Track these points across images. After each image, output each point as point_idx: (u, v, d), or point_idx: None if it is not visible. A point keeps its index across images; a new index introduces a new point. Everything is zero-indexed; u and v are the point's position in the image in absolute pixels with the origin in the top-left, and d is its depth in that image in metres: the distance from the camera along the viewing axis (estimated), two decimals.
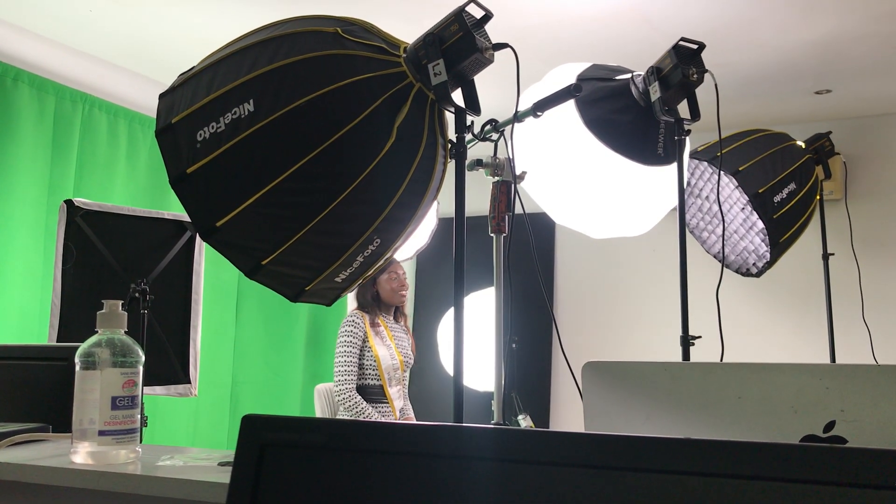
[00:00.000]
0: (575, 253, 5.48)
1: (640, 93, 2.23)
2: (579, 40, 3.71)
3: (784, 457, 0.52)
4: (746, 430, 0.95)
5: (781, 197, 2.82)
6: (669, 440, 0.55)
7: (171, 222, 2.68)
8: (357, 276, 1.62)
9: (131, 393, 1.26)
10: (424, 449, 0.61)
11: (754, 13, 3.37)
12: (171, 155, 1.51)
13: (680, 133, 2.20)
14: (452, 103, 1.54)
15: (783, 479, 0.52)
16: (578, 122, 2.21)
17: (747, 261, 2.98)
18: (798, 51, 3.76)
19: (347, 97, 1.46)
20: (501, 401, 1.98)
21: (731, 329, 2.34)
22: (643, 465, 0.55)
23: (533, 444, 0.59)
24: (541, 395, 5.34)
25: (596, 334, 5.28)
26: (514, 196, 1.99)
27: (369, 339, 3.74)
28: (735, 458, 0.53)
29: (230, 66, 1.50)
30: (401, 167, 1.51)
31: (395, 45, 1.55)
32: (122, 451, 1.25)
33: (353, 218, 1.50)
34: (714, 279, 2.28)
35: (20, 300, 3.47)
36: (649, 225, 2.46)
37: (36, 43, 3.75)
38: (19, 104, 3.56)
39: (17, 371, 1.66)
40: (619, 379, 1.04)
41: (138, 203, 3.94)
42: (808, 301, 4.55)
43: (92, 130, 3.91)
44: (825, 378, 0.93)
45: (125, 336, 1.29)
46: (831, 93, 4.38)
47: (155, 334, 2.54)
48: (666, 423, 0.99)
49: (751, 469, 0.53)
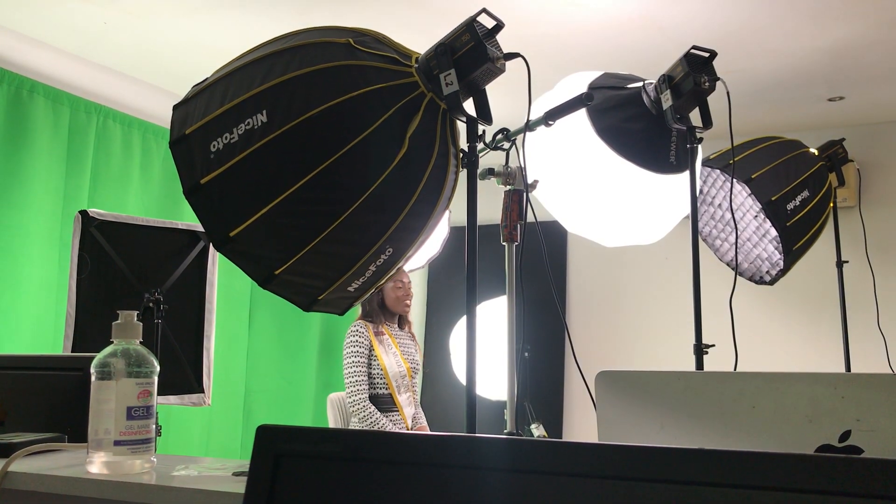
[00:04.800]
0: (587, 261, 5.47)
1: (652, 101, 2.22)
2: (590, 49, 3.71)
3: (799, 467, 0.52)
4: (761, 439, 0.94)
5: (795, 204, 2.81)
6: (683, 450, 0.55)
7: (184, 232, 2.69)
8: (370, 285, 1.62)
9: (146, 403, 1.27)
10: (439, 459, 0.62)
11: (766, 20, 3.36)
12: (185, 165, 1.52)
13: (692, 141, 2.19)
14: (464, 113, 1.54)
15: (798, 489, 0.52)
16: (590, 131, 2.21)
17: (760, 269, 2.97)
18: (810, 57, 3.75)
19: (360, 107, 1.46)
20: (514, 410, 1.98)
21: (745, 337, 2.33)
22: (657, 475, 0.55)
23: (547, 455, 0.59)
24: (554, 404, 5.32)
25: (608, 343, 5.26)
26: (526, 205, 1.99)
27: (375, 349, 3.75)
28: (750, 469, 0.53)
29: (243, 77, 1.51)
30: (413, 177, 1.51)
31: (406, 56, 1.55)
32: (137, 460, 1.26)
33: (365, 227, 1.51)
34: (727, 287, 2.27)
35: (35, 310, 3.50)
36: (662, 233, 2.45)
37: (51, 55, 3.79)
38: (35, 116, 3.59)
39: (33, 381, 1.67)
40: (633, 388, 1.04)
41: (152, 213, 3.97)
42: (822, 309, 4.52)
43: (106, 141, 3.94)
44: (840, 387, 0.92)
45: (140, 346, 1.30)
46: (844, 99, 4.36)
47: (168, 344, 2.55)
48: (680, 433, 0.99)
49: (766, 480, 0.52)
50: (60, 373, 1.65)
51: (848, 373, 2.52)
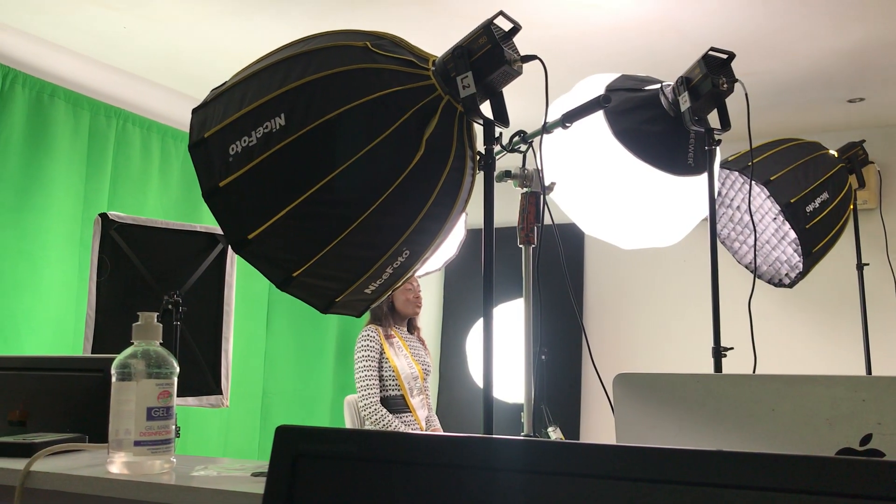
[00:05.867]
0: (604, 264, 5.45)
1: (670, 103, 2.22)
2: (608, 51, 3.70)
3: (820, 470, 0.52)
4: (780, 442, 0.93)
5: (814, 206, 2.79)
6: (702, 452, 0.55)
7: (203, 235, 2.71)
8: (386, 287, 1.62)
9: (166, 404, 1.28)
10: (456, 460, 0.62)
11: (785, 22, 3.34)
12: (204, 169, 1.53)
13: (710, 143, 2.18)
14: (481, 115, 1.54)
15: (819, 492, 0.51)
16: (608, 133, 2.20)
17: (780, 271, 2.95)
18: (830, 59, 3.72)
19: (377, 110, 1.47)
20: (531, 412, 1.98)
21: (764, 340, 2.31)
22: (675, 477, 0.55)
23: (563, 456, 0.59)
24: (571, 407, 5.30)
25: (626, 345, 5.24)
26: (543, 207, 1.99)
27: (385, 352, 3.76)
28: (769, 471, 0.53)
29: (262, 81, 1.52)
30: (430, 179, 1.52)
31: (423, 59, 1.56)
32: (157, 461, 1.27)
33: (382, 230, 1.51)
34: (746, 290, 2.25)
35: (56, 312, 3.53)
36: (680, 235, 2.44)
37: (71, 60, 3.83)
38: (55, 120, 3.63)
39: (54, 382, 1.68)
40: (651, 391, 1.03)
41: (171, 216, 4.00)
42: (842, 312, 4.48)
43: (126, 145, 3.98)
44: (861, 390, 0.91)
45: (160, 348, 1.31)
46: (864, 101, 4.32)
47: (187, 346, 2.56)
48: (698, 436, 0.98)
49: (785, 482, 0.52)
50: (81, 374, 1.66)
51: (869, 376, 2.50)
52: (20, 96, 3.50)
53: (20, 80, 3.50)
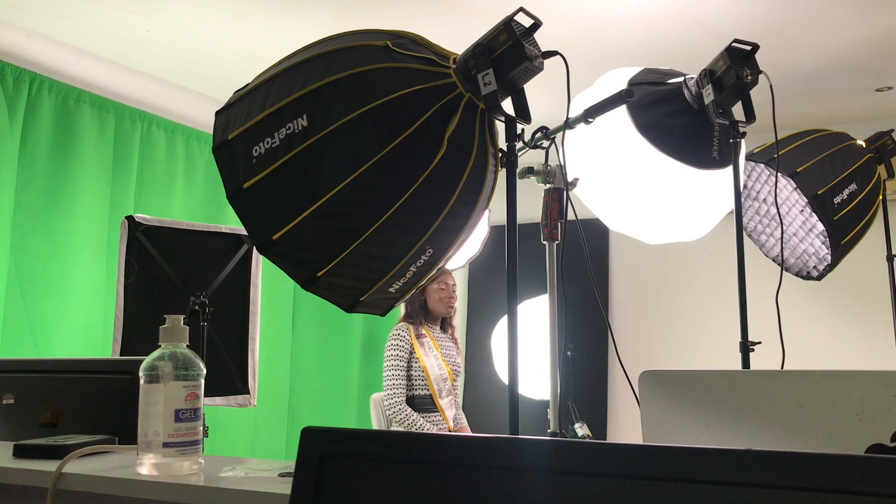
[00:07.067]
0: (629, 259, 5.42)
1: (694, 96, 2.20)
2: (630, 45, 3.67)
3: (850, 468, 0.51)
4: (809, 439, 0.92)
5: (842, 198, 2.75)
6: (730, 451, 0.55)
7: (228, 236, 2.73)
8: (410, 285, 1.63)
9: (194, 405, 1.29)
10: (482, 461, 0.62)
11: (809, 11, 3.30)
12: (228, 170, 1.55)
13: (735, 135, 2.16)
14: (502, 112, 1.54)
15: (849, 491, 0.51)
16: (631, 127, 2.18)
17: (807, 264, 2.91)
18: (856, 48, 3.66)
19: (398, 109, 1.47)
20: (557, 409, 1.97)
21: (792, 334, 2.29)
22: (703, 476, 0.55)
23: (590, 456, 0.59)
24: (597, 404, 5.28)
25: (652, 341, 5.21)
26: (567, 203, 1.98)
27: (416, 351, 3.74)
28: (798, 470, 0.52)
29: (284, 82, 1.52)
30: (452, 177, 1.52)
31: (444, 57, 1.56)
32: (185, 462, 1.28)
33: (405, 228, 1.52)
34: (773, 283, 2.23)
35: (84, 314, 3.58)
36: (705, 229, 2.42)
37: (96, 64, 3.87)
38: (81, 124, 3.68)
39: (84, 384, 1.71)
40: (678, 388, 1.02)
41: (196, 217, 4.03)
42: (872, 304, 4.42)
43: (151, 148, 4.02)
44: (892, 385, 0.90)
45: (187, 350, 1.32)
46: (893, 90, 4.25)
47: (214, 346, 2.59)
48: (726, 433, 0.97)
49: (815, 481, 0.51)
50: (111, 376, 1.69)
51: None
52: (47, 101, 3.54)
53: (46, 86, 3.55)
